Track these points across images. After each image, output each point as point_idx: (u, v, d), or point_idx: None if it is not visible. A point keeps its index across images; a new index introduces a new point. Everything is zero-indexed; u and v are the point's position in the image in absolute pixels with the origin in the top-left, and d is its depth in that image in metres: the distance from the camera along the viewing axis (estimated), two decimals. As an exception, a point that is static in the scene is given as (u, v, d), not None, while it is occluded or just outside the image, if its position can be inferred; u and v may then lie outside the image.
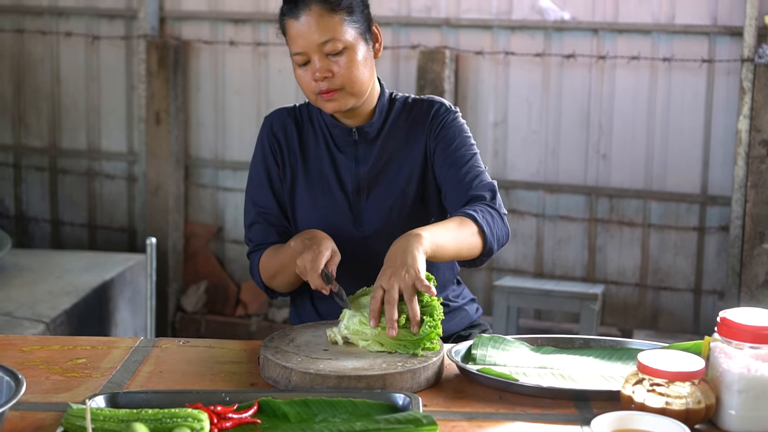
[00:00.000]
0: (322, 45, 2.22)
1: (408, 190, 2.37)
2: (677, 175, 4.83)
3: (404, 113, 2.41)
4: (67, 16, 5.63)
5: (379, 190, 2.37)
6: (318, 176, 2.38)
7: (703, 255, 4.84)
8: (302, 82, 2.29)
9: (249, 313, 5.47)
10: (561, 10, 4.87)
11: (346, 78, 2.24)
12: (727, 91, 4.70)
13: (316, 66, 2.23)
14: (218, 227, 5.54)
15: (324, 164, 2.38)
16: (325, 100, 2.26)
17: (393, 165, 2.38)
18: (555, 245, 5.04)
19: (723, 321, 1.66)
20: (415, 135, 2.38)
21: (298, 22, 2.24)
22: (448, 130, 2.37)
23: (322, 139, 2.40)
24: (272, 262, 2.30)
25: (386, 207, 2.36)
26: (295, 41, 2.25)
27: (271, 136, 2.42)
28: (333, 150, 2.39)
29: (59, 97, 5.70)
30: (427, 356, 1.91)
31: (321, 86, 2.24)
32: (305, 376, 1.80)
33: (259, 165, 2.41)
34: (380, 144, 2.38)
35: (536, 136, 4.99)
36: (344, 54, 2.24)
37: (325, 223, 2.32)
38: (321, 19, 2.22)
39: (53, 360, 1.98)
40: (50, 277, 4.41)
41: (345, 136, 2.38)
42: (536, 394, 1.82)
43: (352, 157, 2.38)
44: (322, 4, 2.23)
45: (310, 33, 2.23)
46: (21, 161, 5.83)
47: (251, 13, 5.33)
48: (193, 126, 5.50)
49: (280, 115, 2.45)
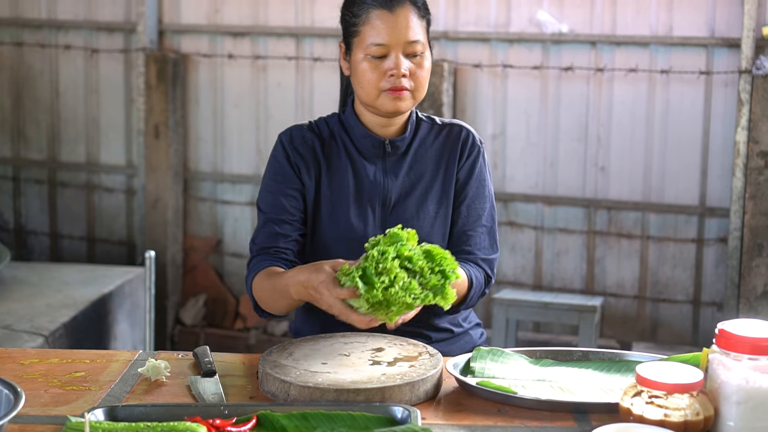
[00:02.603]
0: (408, 44, 2.24)
1: (437, 212, 2.39)
2: (676, 187, 4.84)
3: (432, 134, 2.43)
4: (66, 29, 5.64)
5: (406, 205, 2.37)
6: (344, 188, 2.36)
7: (701, 267, 4.85)
8: (369, 75, 2.26)
9: (248, 327, 5.46)
10: (559, 22, 4.89)
11: (417, 81, 2.27)
12: (725, 102, 4.71)
13: (397, 62, 2.24)
14: (217, 240, 5.54)
15: (350, 177, 2.36)
16: (391, 98, 2.26)
17: (422, 183, 2.38)
18: (554, 257, 5.05)
19: (721, 333, 1.66)
20: (446, 160, 2.41)
21: (390, 14, 2.24)
22: (473, 169, 2.42)
23: (345, 151, 2.38)
24: (267, 285, 2.22)
25: (412, 223, 2.35)
26: (381, 32, 2.24)
27: (292, 150, 2.39)
28: (360, 162, 2.37)
29: (58, 110, 5.71)
30: (426, 369, 1.91)
31: (395, 83, 2.24)
32: (304, 390, 1.80)
33: (275, 177, 2.37)
34: (410, 160, 2.39)
35: (535, 149, 5.00)
36: (420, 58, 2.27)
37: (352, 234, 2.32)
38: (413, 18, 2.26)
39: (52, 373, 1.98)
40: (49, 290, 4.41)
41: (375, 147, 2.37)
42: (535, 406, 1.82)
43: (381, 168, 2.38)
44: (414, 6, 2.27)
45: (401, 28, 2.24)
46: (20, 174, 5.84)
47: (250, 27, 5.34)
48: (192, 139, 5.51)
49: (299, 130, 2.43)
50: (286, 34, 5.29)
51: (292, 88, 5.32)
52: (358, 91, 2.31)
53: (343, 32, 2.35)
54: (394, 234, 1.95)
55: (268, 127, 5.39)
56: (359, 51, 2.27)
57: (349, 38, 2.31)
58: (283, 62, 5.31)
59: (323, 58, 5.20)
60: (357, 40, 2.27)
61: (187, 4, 5.45)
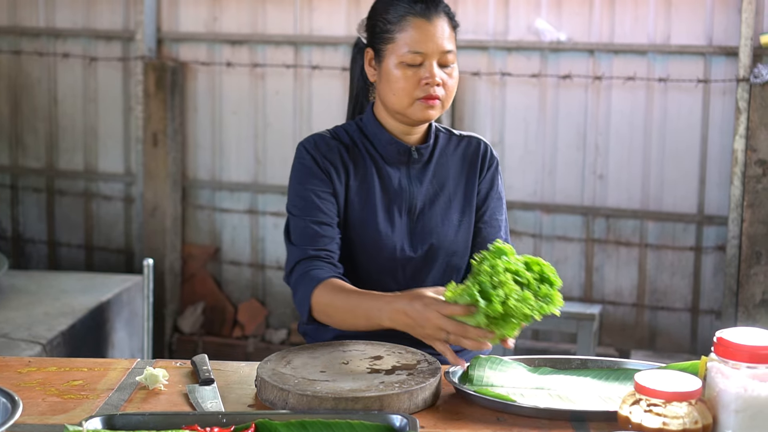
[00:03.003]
0: (444, 53, 2.27)
1: (460, 221, 2.42)
2: (674, 195, 4.84)
3: (452, 144, 2.47)
4: (64, 37, 5.65)
5: (432, 212, 2.39)
6: (371, 195, 2.36)
7: (700, 275, 4.85)
8: (404, 83, 2.27)
9: (246, 335, 5.46)
10: (557, 31, 4.89)
11: (448, 90, 2.30)
12: (723, 111, 4.71)
13: (432, 71, 2.26)
14: (215, 248, 5.54)
15: (376, 183, 2.37)
16: (424, 106, 2.28)
17: (445, 192, 2.41)
18: (552, 265, 5.03)
19: (720, 341, 1.66)
20: (467, 171, 2.45)
21: (429, 23, 2.26)
22: (493, 182, 2.48)
23: (370, 158, 2.39)
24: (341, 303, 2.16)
25: (437, 231, 2.38)
26: (419, 41, 2.25)
27: (319, 156, 2.36)
28: (384, 168, 2.38)
29: (56, 118, 5.71)
30: (424, 377, 1.91)
31: (429, 91, 2.26)
32: (302, 398, 1.80)
33: (306, 182, 2.34)
34: (433, 168, 2.42)
35: (533, 157, 5.00)
36: (452, 68, 2.30)
37: (380, 241, 2.33)
38: (447, 29, 2.30)
39: (50, 381, 1.98)
40: (47, 298, 4.41)
41: (401, 154, 2.38)
42: (534, 415, 1.82)
43: (405, 175, 2.39)
44: (448, 17, 2.31)
45: (438, 38, 2.27)
46: (18, 182, 5.84)
47: (248, 35, 5.35)
48: (191, 147, 5.51)
49: (322, 138, 2.40)
50: (284, 42, 5.29)
51: (290, 96, 5.33)
52: (389, 98, 2.31)
53: (373, 38, 2.34)
54: (498, 248, 1.94)
55: (266, 135, 5.39)
56: (393, 57, 2.28)
57: (379, 44, 2.32)
58: (282, 70, 5.31)
59: (321, 66, 5.21)
60: (391, 46, 2.28)
61: (185, 13, 5.46)
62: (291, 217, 2.35)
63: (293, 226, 2.33)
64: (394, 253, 2.34)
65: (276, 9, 5.31)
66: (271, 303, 5.48)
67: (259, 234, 5.46)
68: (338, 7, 5.19)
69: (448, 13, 2.32)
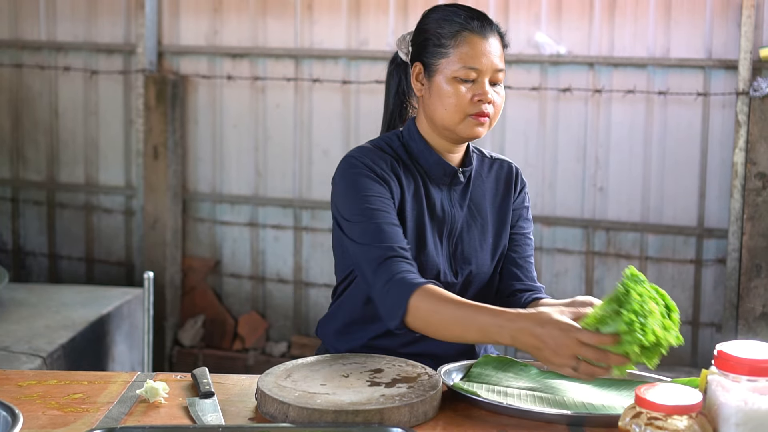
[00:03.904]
0: (496, 71, 2.27)
1: (495, 244, 2.42)
2: (674, 207, 4.85)
3: (485, 166, 2.47)
4: (65, 50, 5.66)
5: (471, 236, 2.38)
6: (422, 214, 2.32)
7: (700, 287, 4.85)
8: (457, 98, 2.24)
9: (246, 347, 5.45)
10: (557, 44, 4.91)
11: (497, 109, 2.29)
12: (723, 124, 4.72)
13: (485, 88, 2.25)
14: (216, 261, 5.54)
15: (424, 202, 2.33)
16: (475, 123, 2.26)
17: (481, 215, 2.41)
18: (552, 278, 5.04)
19: (720, 354, 1.66)
20: (501, 194, 2.46)
21: (485, 40, 2.26)
22: (525, 206, 2.51)
23: (419, 175, 2.35)
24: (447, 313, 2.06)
25: (476, 255, 2.37)
26: (475, 57, 2.24)
27: (374, 166, 2.27)
28: (430, 187, 2.35)
29: (57, 131, 5.73)
30: (425, 390, 1.91)
31: (481, 108, 2.24)
32: (303, 411, 1.80)
33: (367, 192, 2.24)
34: (471, 190, 2.41)
35: (533, 170, 5.01)
36: (501, 87, 2.30)
37: (428, 263, 2.30)
38: (500, 47, 2.30)
39: (50, 395, 1.98)
40: (47, 311, 4.40)
41: (446, 175, 2.36)
42: (529, 417, 1.85)
43: (447, 197, 2.37)
44: (500, 37, 2.32)
45: (492, 55, 2.27)
46: (19, 195, 5.84)
47: (249, 48, 5.36)
48: (191, 160, 5.52)
49: (370, 151, 2.32)
50: (285, 56, 5.31)
51: (290, 109, 5.34)
52: (438, 113, 2.28)
53: (423, 52, 2.31)
54: (635, 275, 1.92)
55: (267, 148, 5.40)
56: (445, 72, 2.26)
57: (431, 58, 2.29)
58: (282, 83, 5.33)
59: (322, 79, 5.22)
60: (444, 61, 2.26)
61: (186, 26, 5.48)
62: (352, 224, 2.23)
63: (360, 231, 2.21)
64: (438, 278, 2.30)
65: (276, 22, 5.32)
66: (272, 316, 5.47)
67: (259, 247, 5.46)
68: (339, 20, 5.21)
69: (500, 32, 2.32)
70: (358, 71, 5.16)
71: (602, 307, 1.88)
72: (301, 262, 5.39)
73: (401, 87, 2.46)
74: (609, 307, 1.86)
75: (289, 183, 5.37)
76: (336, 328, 2.43)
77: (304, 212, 5.36)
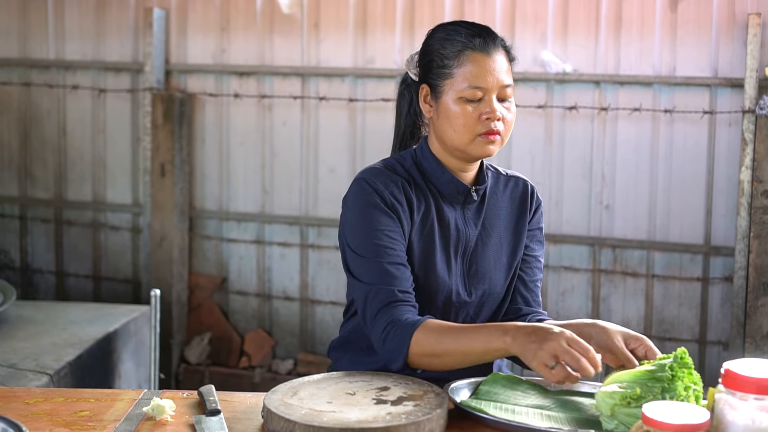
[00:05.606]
0: (503, 87, 2.24)
1: (509, 264, 2.40)
2: (680, 225, 4.84)
3: (500, 184, 2.45)
4: (74, 69, 5.69)
5: (485, 256, 2.37)
6: (432, 235, 2.31)
7: (707, 306, 4.84)
8: (465, 119, 2.23)
9: (253, 365, 5.45)
10: (563, 62, 4.92)
11: (507, 125, 2.27)
12: (729, 142, 4.72)
13: (492, 106, 2.22)
14: (222, 278, 5.55)
15: (435, 223, 2.32)
16: (485, 141, 2.24)
17: (495, 234, 2.39)
18: (559, 296, 5.04)
19: (727, 372, 1.66)
20: (516, 213, 2.44)
21: (489, 57, 2.23)
22: (539, 226, 2.48)
23: (431, 196, 2.33)
24: (452, 343, 2.07)
25: (490, 275, 2.36)
26: (479, 76, 2.22)
27: (386, 192, 2.26)
28: (443, 207, 2.34)
29: (65, 149, 5.75)
30: (431, 408, 1.90)
31: (490, 126, 2.22)
32: (309, 429, 1.80)
33: (375, 225, 2.23)
34: (485, 209, 2.39)
35: (539, 188, 5.00)
36: (510, 102, 2.27)
37: (437, 284, 2.30)
38: (506, 62, 2.27)
39: (57, 412, 1.98)
40: (54, 328, 4.40)
41: (459, 194, 2.35)
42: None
43: (461, 216, 2.35)
44: (506, 52, 2.28)
45: (498, 72, 2.24)
46: (27, 213, 5.86)
47: (256, 66, 5.38)
48: (198, 177, 5.54)
49: (383, 172, 2.32)
50: (291, 74, 5.33)
51: (297, 127, 5.35)
52: (448, 134, 2.27)
53: (429, 74, 2.30)
54: (685, 360, 1.94)
55: (273, 166, 5.41)
56: (451, 93, 2.24)
57: (436, 80, 2.28)
58: (289, 101, 5.34)
59: (328, 97, 5.23)
60: (449, 82, 2.24)
61: (193, 45, 5.50)
62: (358, 257, 2.23)
63: (366, 269, 2.21)
64: (450, 297, 2.30)
65: (283, 41, 5.34)
66: (278, 333, 5.47)
67: (265, 264, 5.46)
68: (345, 39, 5.23)
69: (505, 46, 2.29)
70: (364, 89, 5.18)
71: (641, 375, 1.93)
72: (307, 280, 5.40)
73: (413, 107, 2.45)
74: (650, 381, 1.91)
75: (296, 200, 5.38)
76: (350, 355, 2.43)
77: (310, 230, 5.37)
